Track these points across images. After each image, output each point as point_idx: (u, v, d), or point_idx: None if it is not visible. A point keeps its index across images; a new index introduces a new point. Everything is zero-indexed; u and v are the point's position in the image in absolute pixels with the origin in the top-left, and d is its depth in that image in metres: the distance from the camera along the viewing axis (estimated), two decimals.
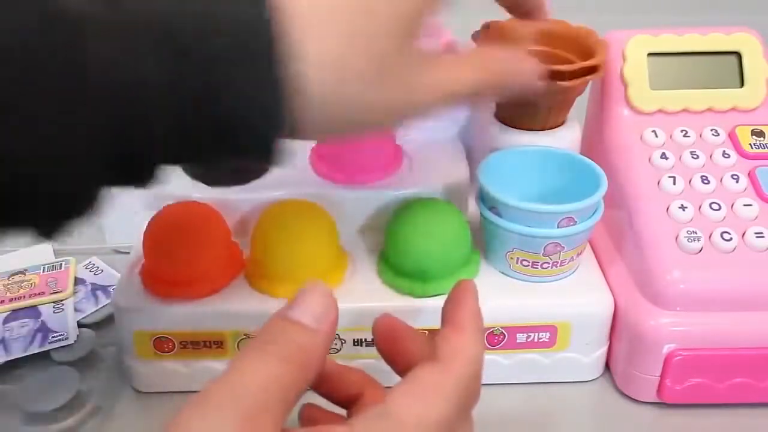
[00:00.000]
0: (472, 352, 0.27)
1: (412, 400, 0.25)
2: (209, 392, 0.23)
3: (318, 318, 0.26)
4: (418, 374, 0.26)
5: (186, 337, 0.41)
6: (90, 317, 0.47)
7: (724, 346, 0.40)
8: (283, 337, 0.25)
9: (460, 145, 0.51)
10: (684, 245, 0.40)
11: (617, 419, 0.42)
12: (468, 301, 0.30)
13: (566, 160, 0.44)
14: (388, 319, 0.31)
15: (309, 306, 0.26)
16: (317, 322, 0.26)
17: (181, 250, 0.40)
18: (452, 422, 0.26)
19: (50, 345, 0.44)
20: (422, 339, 0.31)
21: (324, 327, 0.26)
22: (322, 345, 0.26)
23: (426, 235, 0.40)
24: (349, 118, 0.28)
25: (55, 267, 0.50)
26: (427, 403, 0.25)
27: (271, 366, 0.24)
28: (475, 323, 0.29)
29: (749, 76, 0.48)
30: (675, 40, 0.48)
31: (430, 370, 0.26)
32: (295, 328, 0.25)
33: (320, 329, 0.26)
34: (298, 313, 0.26)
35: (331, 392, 0.31)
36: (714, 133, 0.47)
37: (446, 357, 0.27)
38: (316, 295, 0.27)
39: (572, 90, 0.45)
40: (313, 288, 0.27)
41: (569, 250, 0.41)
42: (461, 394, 0.26)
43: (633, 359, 0.41)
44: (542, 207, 0.39)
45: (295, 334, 0.25)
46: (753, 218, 0.42)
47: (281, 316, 0.26)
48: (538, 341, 0.42)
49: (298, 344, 0.25)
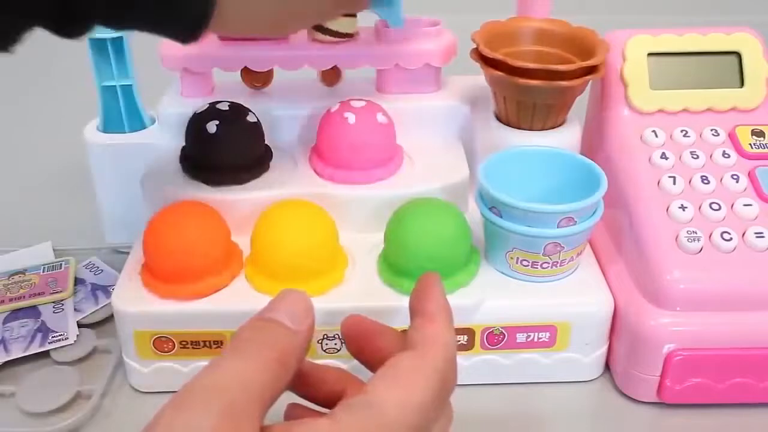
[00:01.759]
0: (446, 339, 0.28)
1: (392, 387, 0.25)
2: (188, 390, 0.23)
3: (297, 319, 0.27)
4: (395, 362, 0.26)
5: (186, 337, 0.41)
6: (90, 317, 0.47)
7: (724, 346, 0.40)
8: (262, 337, 0.26)
9: (460, 145, 0.51)
10: (684, 245, 0.40)
11: (617, 419, 0.42)
12: (435, 292, 0.30)
13: (566, 160, 0.44)
14: (354, 319, 0.32)
15: (288, 307, 0.27)
16: (296, 323, 0.26)
17: (181, 251, 0.40)
18: (432, 407, 0.26)
19: (50, 345, 0.44)
20: (392, 334, 0.31)
21: (303, 327, 0.27)
22: (301, 345, 0.26)
23: (426, 235, 0.40)
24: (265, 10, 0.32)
25: (55, 267, 0.50)
26: (407, 388, 0.25)
27: (250, 364, 0.24)
28: (444, 312, 0.29)
29: (749, 76, 0.48)
30: (675, 40, 0.48)
31: (408, 356, 0.27)
32: (273, 328, 0.26)
33: (299, 330, 0.26)
34: (276, 313, 0.27)
35: (312, 392, 0.31)
36: (714, 133, 0.47)
37: (421, 344, 0.27)
38: (295, 297, 0.27)
39: (572, 90, 0.45)
40: (291, 292, 0.28)
41: (569, 250, 0.41)
42: (439, 378, 0.26)
43: (633, 359, 0.41)
44: (542, 207, 0.39)
45: (274, 333, 0.26)
46: (753, 218, 0.42)
47: (260, 316, 0.27)
48: (537, 341, 0.42)
49: (276, 343, 0.25)
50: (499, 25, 0.49)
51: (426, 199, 0.42)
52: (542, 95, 0.44)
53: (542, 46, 0.49)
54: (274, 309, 0.27)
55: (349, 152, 0.45)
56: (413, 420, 0.25)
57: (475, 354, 0.42)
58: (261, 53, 0.49)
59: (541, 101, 0.45)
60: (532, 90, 0.44)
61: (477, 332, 0.41)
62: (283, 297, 0.28)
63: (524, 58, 0.46)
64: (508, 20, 0.50)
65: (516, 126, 0.47)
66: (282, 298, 0.27)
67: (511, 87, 0.45)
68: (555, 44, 0.48)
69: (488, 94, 0.49)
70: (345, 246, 0.44)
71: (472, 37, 0.47)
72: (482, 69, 0.46)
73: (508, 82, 0.44)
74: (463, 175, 0.47)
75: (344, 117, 0.45)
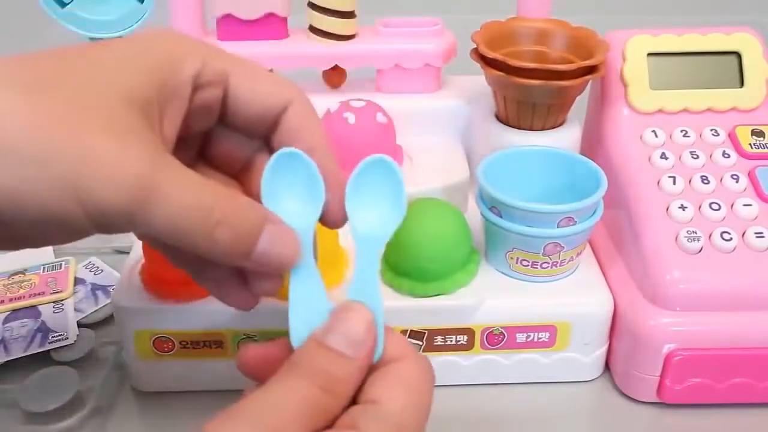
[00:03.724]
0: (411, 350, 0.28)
1: (403, 393, 0.26)
2: (242, 405, 0.24)
3: (354, 344, 0.26)
4: (397, 370, 0.27)
5: (186, 337, 0.41)
6: (90, 317, 0.47)
7: (724, 346, 0.40)
8: (314, 365, 0.25)
9: (460, 145, 0.51)
10: (684, 245, 0.40)
11: (617, 419, 0.42)
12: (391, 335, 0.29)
13: (566, 160, 0.44)
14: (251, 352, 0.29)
15: (346, 331, 0.26)
16: (353, 350, 0.26)
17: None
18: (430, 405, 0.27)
19: (50, 345, 0.44)
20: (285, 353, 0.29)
21: (360, 355, 0.26)
22: (356, 374, 0.26)
23: (426, 235, 0.40)
24: None
25: (55, 267, 0.50)
26: (418, 393, 0.27)
27: (304, 390, 0.24)
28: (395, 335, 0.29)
29: (749, 76, 0.48)
30: (675, 40, 0.48)
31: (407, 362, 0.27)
32: (328, 356, 0.26)
33: (356, 357, 0.26)
34: (333, 339, 0.26)
35: None
36: (714, 133, 0.47)
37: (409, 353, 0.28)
38: (356, 319, 0.27)
39: (572, 90, 0.45)
40: (355, 311, 0.27)
41: (569, 250, 0.41)
42: (432, 377, 0.28)
43: (633, 359, 0.41)
44: (542, 207, 0.39)
45: (328, 362, 0.25)
46: (753, 218, 0.42)
47: (317, 340, 0.26)
48: (537, 341, 0.42)
49: (323, 372, 0.25)
50: (499, 25, 0.49)
51: (426, 199, 0.42)
52: (542, 95, 0.44)
53: (542, 46, 0.49)
54: (332, 330, 0.26)
55: (349, 152, 0.45)
56: (425, 419, 0.26)
57: (475, 354, 0.42)
58: (261, 53, 0.49)
59: (541, 101, 0.45)
60: (532, 90, 0.44)
61: (477, 332, 0.41)
62: (343, 316, 0.27)
63: (524, 58, 0.46)
64: (508, 20, 0.50)
65: (516, 126, 0.47)
66: (342, 318, 0.27)
67: (511, 87, 0.45)
68: (555, 44, 0.48)
69: (488, 94, 0.49)
70: (345, 246, 0.44)
71: (472, 37, 0.47)
72: (482, 69, 0.46)
73: (508, 82, 0.44)
74: (463, 175, 0.47)
75: (344, 117, 0.45)
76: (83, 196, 0.22)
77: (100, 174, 0.22)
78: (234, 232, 0.25)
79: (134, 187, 0.23)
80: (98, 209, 0.23)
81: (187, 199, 0.24)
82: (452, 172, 0.47)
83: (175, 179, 0.24)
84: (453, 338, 0.41)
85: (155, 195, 0.23)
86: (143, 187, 0.23)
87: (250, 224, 0.26)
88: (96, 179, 0.22)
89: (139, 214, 0.23)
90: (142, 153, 0.23)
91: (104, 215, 0.23)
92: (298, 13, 0.51)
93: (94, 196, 0.22)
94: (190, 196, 0.24)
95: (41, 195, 0.22)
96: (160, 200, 0.23)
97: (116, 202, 0.23)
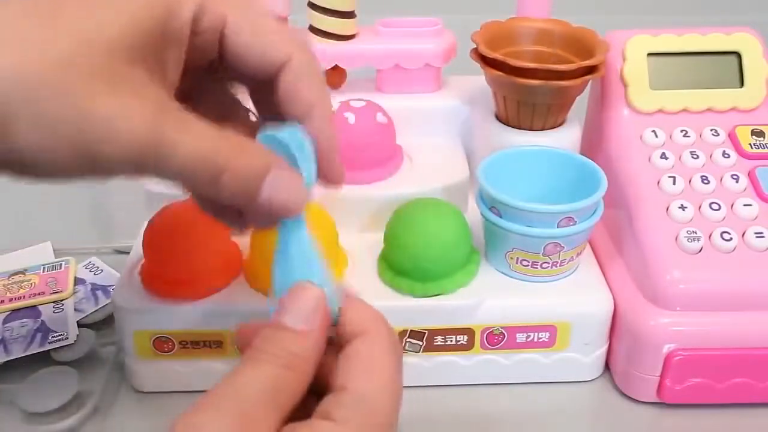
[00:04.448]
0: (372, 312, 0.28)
1: (369, 375, 0.26)
2: (210, 395, 0.24)
3: (306, 318, 0.26)
4: (356, 352, 0.26)
5: (186, 337, 0.41)
6: (90, 317, 0.47)
7: (724, 346, 0.40)
8: (269, 345, 0.26)
9: (460, 145, 0.51)
10: (684, 245, 0.40)
11: (617, 419, 0.42)
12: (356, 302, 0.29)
13: (566, 160, 0.44)
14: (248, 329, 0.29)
15: (298, 308, 0.27)
16: (307, 323, 0.26)
17: (181, 250, 0.40)
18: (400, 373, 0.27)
19: (50, 345, 0.44)
20: None
21: (314, 326, 0.26)
22: (313, 347, 0.26)
23: (426, 235, 0.40)
24: None
25: (55, 267, 0.50)
26: (382, 371, 0.26)
27: (266, 372, 0.25)
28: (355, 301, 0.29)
29: (749, 76, 0.48)
30: (675, 40, 0.48)
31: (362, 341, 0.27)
32: (285, 334, 0.26)
33: (310, 330, 0.26)
34: (288, 318, 0.26)
35: None
36: (714, 133, 0.47)
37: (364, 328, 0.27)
38: (304, 295, 0.27)
39: (572, 90, 0.45)
40: (301, 288, 0.27)
41: (569, 250, 0.41)
42: (394, 346, 0.27)
43: (633, 359, 0.41)
44: (542, 207, 0.39)
45: (287, 341, 0.26)
46: (753, 218, 0.42)
47: (270, 323, 0.27)
48: (537, 341, 0.42)
49: (283, 350, 0.26)
50: (499, 25, 0.49)
51: (426, 199, 0.42)
52: (542, 95, 0.44)
53: (542, 46, 0.49)
54: (284, 310, 0.27)
55: (349, 152, 0.45)
56: (397, 394, 0.26)
57: (475, 354, 0.42)
58: None
59: (541, 101, 0.45)
60: (532, 90, 0.44)
61: (477, 332, 0.41)
62: (294, 295, 0.27)
63: (524, 58, 0.46)
64: (508, 20, 0.50)
65: (516, 126, 0.47)
66: (292, 297, 0.27)
67: (511, 87, 0.45)
68: (555, 44, 0.48)
69: (488, 94, 0.48)
70: (345, 246, 0.44)
71: (472, 37, 0.47)
72: (482, 69, 0.46)
73: (508, 82, 0.44)
74: (463, 175, 0.47)
75: (344, 117, 0.45)
76: (95, 157, 0.23)
77: (104, 137, 0.23)
78: (238, 178, 0.26)
79: (141, 143, 0.24)
80: (109, 168, 0.24)
81: (193, 149, 0.25)
82: (452, 172, 0.47)
83: (180, 130, 0.25)
84: (453, 338, 0.41)
85: (162, 148, 0.24)
86: (149, 143, 0.24)
87: (255, 170, 0.26)
88: (102, 142, 0.23)
89: (148, 166, 0.24)
90: (144, 108, 0.24)
91: (114, 172, 0.24)
92: (298, 13, 0.51)
93: (103, 158, 0.23)
94: (197, 145, 0.25)
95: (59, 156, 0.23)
96: (168, 150, 0.24)
97: (126, 159, 0.24)
